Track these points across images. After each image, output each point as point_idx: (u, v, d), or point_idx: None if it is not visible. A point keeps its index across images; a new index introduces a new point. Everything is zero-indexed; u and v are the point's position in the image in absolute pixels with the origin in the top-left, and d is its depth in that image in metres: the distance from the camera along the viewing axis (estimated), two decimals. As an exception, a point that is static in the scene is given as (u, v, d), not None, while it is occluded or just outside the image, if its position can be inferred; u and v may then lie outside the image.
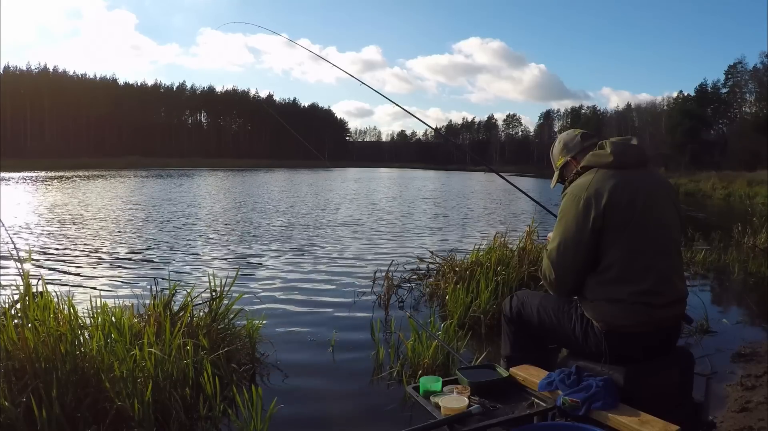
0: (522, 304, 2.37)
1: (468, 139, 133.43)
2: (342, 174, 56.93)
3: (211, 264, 7.22)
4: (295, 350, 4.07)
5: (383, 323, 4.69)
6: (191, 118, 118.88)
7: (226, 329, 3.68)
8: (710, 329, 4.61)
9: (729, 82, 66.36)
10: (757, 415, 3.04)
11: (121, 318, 3.23)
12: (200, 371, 2.98)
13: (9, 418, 2.44)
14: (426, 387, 2.13)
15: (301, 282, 6.43)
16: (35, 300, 2.99)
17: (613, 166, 2.11)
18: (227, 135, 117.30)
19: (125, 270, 7.04)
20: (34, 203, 17.06)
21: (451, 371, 3.30)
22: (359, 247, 9.17)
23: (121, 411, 2.65)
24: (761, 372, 3.68)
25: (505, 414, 1.97)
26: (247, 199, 20.49)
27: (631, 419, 1.80)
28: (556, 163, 2.46)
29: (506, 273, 5.07)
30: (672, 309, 2.09)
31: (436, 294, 5.41)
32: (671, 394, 2.05)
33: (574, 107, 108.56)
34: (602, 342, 2.07)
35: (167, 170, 56.90)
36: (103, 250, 8.42)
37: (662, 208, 2.12)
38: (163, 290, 3.80)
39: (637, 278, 2.02)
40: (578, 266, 2.11)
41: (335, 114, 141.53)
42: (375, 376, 3.57)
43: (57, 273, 6.70)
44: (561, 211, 2.16)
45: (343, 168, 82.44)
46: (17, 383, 2.62)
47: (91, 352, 2.85)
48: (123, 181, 33.36)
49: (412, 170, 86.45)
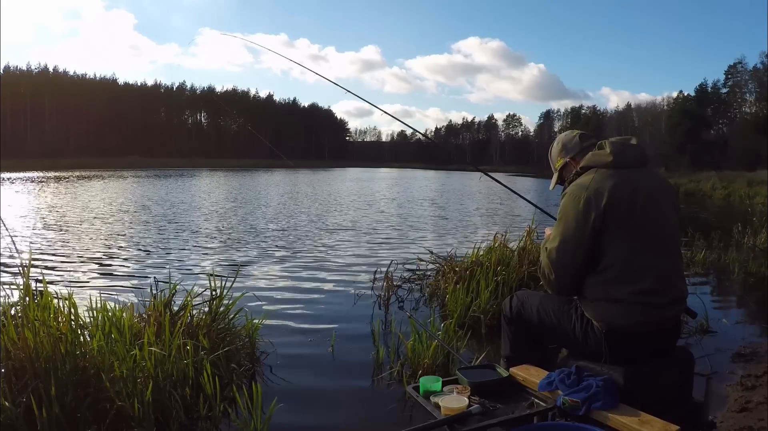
0: (522, 304, 2.37)
1: (468, 138, 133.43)
2: (342, 174, 56.93)
3: (212, 264, 7.22)
4: (295, 350, 4.07)
5: (383, 323, 4.70)
6: (191, 118, 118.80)
7: (226, 329, 3.68)
8: (710, 329, 4.61)
9: (729, 82, 66.36)
10: (757, 415, 3.04)
11: (121, 318, 3.23)
12: (200, 371, 2.98)
13: (9, 418, 2.44)
14: (426, 387, 2.13)
15: (301, 282, 6.44)
16: (35, 300, 2.99)
17: (613, 165, 2.12)
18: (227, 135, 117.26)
19: (125, 270, 7.04)
20: (34, 203, 17.06)
21: (451, 371, 3.30)
22: (359, 247, 9.18)
23: (121, 411, 2.65)
24: (761, 372, 3.68)
25: (505, 414, 1.97)
26: (247, 200, 20.50)
27: (631, 419, 1.80)
28: (555, 164, 2.46)
29: (506, 273, 5.07)
30: (672, 309, 2.09)
31: (436, 294, 5.41)
32: (671, 394, 2.05)
33: (574, 107, 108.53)
34: (602, 342, 2.07)
35: (167, 170, 56.88)
36: (103, 250, 8.43)
37: (662, 208, 2.12)
38: (163, 290, 3.80)
39: (637, 278, 2.02)
40: (578, 266, 2.11)
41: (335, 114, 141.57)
42: (375, 376, 3.57)
43: (57, 273, 6.70)
44: (561, 211, 2.16)
45: (342, 168, 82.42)
46: (17, 383, 2.62)
47: (91, 352, 2.85)
48: (123, 181, 33.36)
49: (412, 170, 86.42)
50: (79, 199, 18.83)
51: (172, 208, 15.99)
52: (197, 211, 15.36)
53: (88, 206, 16.22)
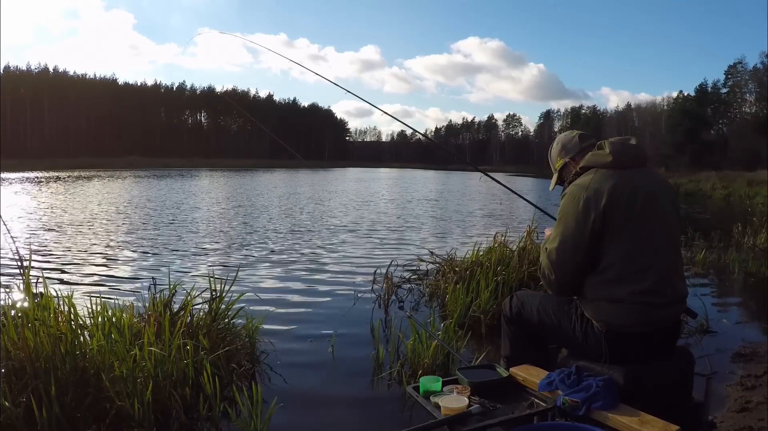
0: (522, 304, 2.37)
1: (468, 139, 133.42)
2: (342, 174, 56.90)
3: (211, 264, 7.22)
4: (295, 350, 4.07)
5: (383, 323, 4.70)
6: (191, 118, 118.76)
7: (226, 329, 3.68)
8: (710, 329, 4.61)
9: (729, 82, 66.32)
10: (757, 415, 3.04)
11: (121, 318, 3.23)
12: (200, 371, 2.98)
13: (9, 418, 2.44)
14: (426, 387, 2.13)
15: (301, 282, 6.44)
16: (35, 300, 2.99)
17: (612, 165, 2.12)
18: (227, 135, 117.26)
19: (125, 270, 7.05)
20: (34, 203, 17.06)
21: (451, 371, 3.30)
22: (359, 247, 9.18)
23: (121, 411, 2.65)
24: (761, 372, 3.68)
25: (505, 414, 1.97)
26: (247, 200, 20.49)
27: (631, 419, 1.80)
28: (554, 164, 2.46)
29: (506, 273, 5.07)
30: (672, 309, 2.09)
31: (436, 294, 5.41)
32: (671, 394, 2.05)
33: (575, 107, 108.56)
34: (602, 342, 2.07)
35: (167, 170, 56.86)
36: (103, 250, 8.43)
37: (662, 208, 2.12)
38: (163, 290, 3.80)
39: (636, 278, 2.02)
40: (578, 266, 2.11)
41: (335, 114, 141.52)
42: (375, 376, 3.57)
43: (57, 272, 6.70)
44: (561, 211, 2.16)
45: (343, 168, 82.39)
46: (17, 383, 2.62)
47: (91, 352, 2.85)
48: (123, 181, 33.35)
49: (412, 170, 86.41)
50: (79, 200, 18.83)
51: (171, 208, 15.99)
52: (197, 212, 15.36)
53: (88, 206, 16.22)
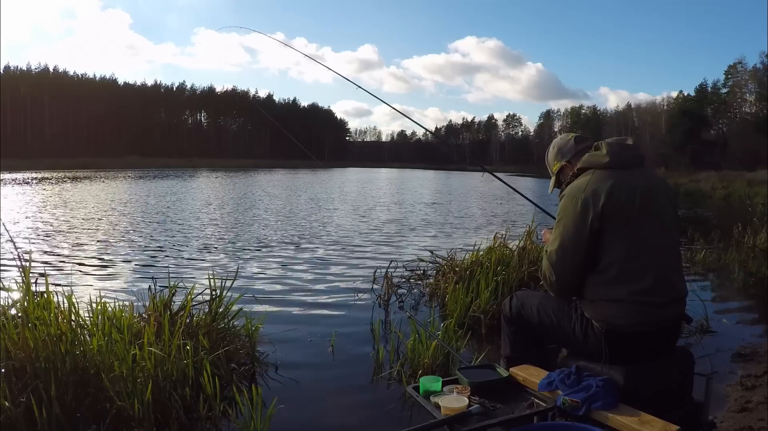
0: (522, 304, 2.38)
1: (468, 138, 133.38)
2: (342, 174, 56.89)
3: (211, 264, 7.22)
4: (295, 350, 4.07)
5: (383, 323, 4.70)
6: (191, 118, 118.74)
7: (225, 329, 3.68)
8: (710, 329, 4.61)
9: (729, 82, 66.27)
10: (757, 415, 3.04)
11: (121, 317, 3.24)
12: (200, 371, 2.98)
13: (9, 418, 2.44)
14: (426, 387, 2.13)
15: (301, 282, 6.44)
16: (36, 300, 2.99)
17: (610, 166, 2.12)
18: (227, 135, 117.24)
19: (125, 269, 7.05)
20: (34, 203, 17.06)
21: (451, 371, 3.30)
22: (359, 247, 9.18)
23: (121, 411, 2.65)
24: (761, 372, 3.68)
25: (505, 414, 1.97)
26: (246, 200, 20.49)
27: (631, 419, 1.81)
28: (551, 168, 2.48)
29: (506, 273, 5.07)
30: (672, 309, 2.09)
31: (436, 294, 5.41)
32: (671, 394, 2.05)
33: (574, 107, 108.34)
34: (602, 342, 2.07)
35: (167, 170, 56.85)
36: (103, 250, 8.42)
37: (660, 207, 2.13)
38: (163, 290, 3.80)
39: (636, 277, 2.02)
40: (578, 267, 2.11)
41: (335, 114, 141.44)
42: (375, 376, 3.57)
43: (57, 272, 6.70)
44: (559, 213, 2.17)
45: (342, 168, 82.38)
46: (17, 383, 2.62)
47: (91, 352, 2.86)
48: (123, 181, 33.35)
49: (412, 170, 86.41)
50: (79, 199, 18.82)
51: (172, 208, 15.99)
52: (197, 212, 15.36)
53: (88, 206, 16.21)
